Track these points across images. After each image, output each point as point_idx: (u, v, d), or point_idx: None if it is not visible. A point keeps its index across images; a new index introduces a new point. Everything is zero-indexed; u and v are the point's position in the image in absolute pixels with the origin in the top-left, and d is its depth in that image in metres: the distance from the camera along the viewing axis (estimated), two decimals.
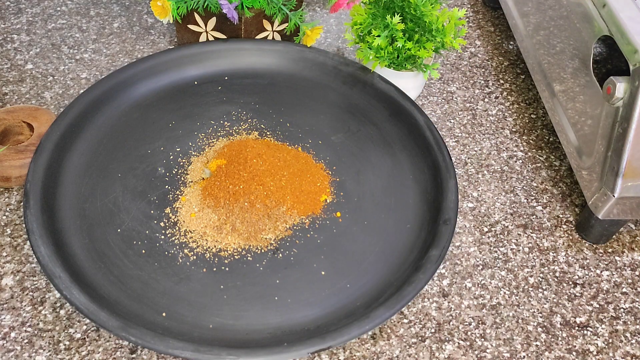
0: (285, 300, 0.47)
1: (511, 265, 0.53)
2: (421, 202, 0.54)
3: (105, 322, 0.42)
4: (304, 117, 0.61)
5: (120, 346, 0.46)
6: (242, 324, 0.46)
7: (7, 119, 0.58)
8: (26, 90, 0.65)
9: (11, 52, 0.69)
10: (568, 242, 0.55)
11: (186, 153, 0.57)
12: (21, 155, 0.55)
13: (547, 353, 0.47)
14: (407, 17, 0.59)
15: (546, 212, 0.57)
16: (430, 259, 0.47)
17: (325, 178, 0.56)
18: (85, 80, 0.66)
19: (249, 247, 0.50)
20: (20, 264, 0.50)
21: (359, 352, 0.46)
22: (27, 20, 0.74)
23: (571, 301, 0.51)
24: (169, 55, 0.63)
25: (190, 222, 0.52)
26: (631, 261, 0.54)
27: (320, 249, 0.51)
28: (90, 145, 0.57)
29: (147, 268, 0.49)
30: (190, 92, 0.63)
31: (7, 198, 0.55)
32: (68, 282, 0.45)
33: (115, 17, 0.75)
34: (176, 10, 0.63)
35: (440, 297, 0.50)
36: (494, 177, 0.60)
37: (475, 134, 0.64)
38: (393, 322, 0.48)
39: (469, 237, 0.55)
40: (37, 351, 0.45)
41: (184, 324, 0.45)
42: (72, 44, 0.71)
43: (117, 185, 0.54)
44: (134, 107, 0.60)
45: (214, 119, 0.60)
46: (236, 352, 0.42)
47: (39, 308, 0.48)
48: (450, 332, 0.48)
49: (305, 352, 0.42)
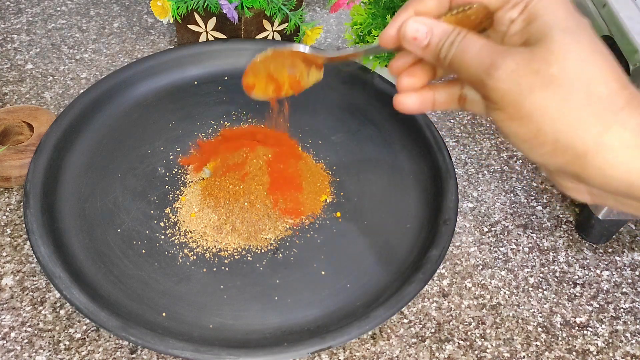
0: (285, 300, 0.47)
1: (511, 265, 0.53)
2: (421, 202, 0.54)
3: (105, 322, 0.42)
4: (304, 117, 0.61)
5: (120, 346, 0.46)
6: (242, 324, 0.46)
7: (7, 119, 0.58)
8: (26, 90, 0.65)
9: (11, 52, 0.70)
10: (568, 242, 0.55)
11: (186, 153, 0.57)
12: (21, 155, 0.55)
13: (547, 353, 0.47)
14: None
15: (546, 212, 0.57)
16: (430, 259, 0.47)
17: (325, 178, 0.56)
18: (85, 80, 0.66)
19: (249, 247, 0.50)
20: (20, 264, 0.50)
21: (359, 352, 0.46)
22: (27, 20, 0.74)
23: (571, 301, 0.51)
24: (169, 55, 0.63)
25: (190, 222, 0.52)
26: (631, 261, 0.54)
27: (320, 249, 0.51)
28: (90, 145, 0.57)
29: (147, 268, 0.49)
30: (190, 92, 0.63)
31: (7, 198, 0.55)
32: (68, 282, 0.45)
33: (115, 17, 0.76)
34: (176, 10, 0.63)
35: (440, 297, 0.50)
36: (494, 177, 0.60)
37: (475, 134, 0.64)
38: (393, 322, 0.48)
39: (469, 237, 0.55)
40: (37, 351, 0.45)
41: (184, 324, 0.45)
42: (72, 44, 0.71)
43: (117, 185, 0.54)
44: (134, 107, 0.60)
45: (214, 119, 0.60)
46: (236, 352, 0.42)
47: (39, 308, 0.48)
48: (450, 332, 0.48)
49: (305, 352, 0.42)
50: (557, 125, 0.29)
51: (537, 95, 0.29)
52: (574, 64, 0.28)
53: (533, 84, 0.29)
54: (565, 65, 0.28)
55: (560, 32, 0.29)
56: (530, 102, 0.29)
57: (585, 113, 0.28)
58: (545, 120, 0.29)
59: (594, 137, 0.28)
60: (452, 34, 0.32)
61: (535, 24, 0.30)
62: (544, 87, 0.29)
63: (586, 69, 0.28)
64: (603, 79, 0.28)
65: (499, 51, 0.30)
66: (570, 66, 0.28)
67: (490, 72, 0.30)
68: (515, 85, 0.29)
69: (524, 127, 0.30)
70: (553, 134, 0.29)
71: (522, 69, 0.29)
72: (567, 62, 0.28)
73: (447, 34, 0.32)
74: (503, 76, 0.29)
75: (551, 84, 0.28)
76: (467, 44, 0.31)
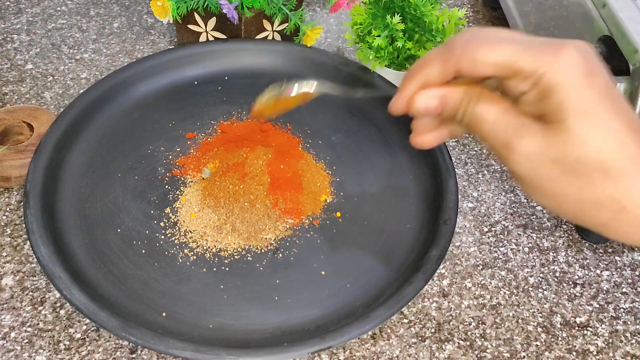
0: (285, 300, 0.47)
1: (511, 265, 0.53)
2: (421, 202, 0.54)
3: (105, 322, 0.42)
4: (304, 117, 0.61)
5: (120, 346, 0.46)
6: (242, 324, 0.46)
7: (7, 119, 0.58)
8: (26, 90, 0.65)
9: (11, 52, 0.69)
10: (568, 242, 0.55)
11: (186, 153, 0.57)
12: (21, 155, 0.55)
13: (547, 353, 0.47)
14: (407, 17, 0.59)
15: (546, 212, 0.57)
16: (430, 259, 0.47)
17: (325, 178, 0.56)
18: (85, 80, 0.66)
19: (249, 247, 0.50)
20: (20, 264, 0.50)
21: (359, 352, 0.46)
22: (27, 20, 0.74)
23: (571, 301, 0.51)
24: (169, 55, 0.63)
25: (190, 222, 0.52)
26: (631, 261, 0.54)
27: (320, 249, 0.51)
28: (90, 145, 0.57)
29: (147, 268, 0.49)
30: (190, 92, 0.63)
31: (7, 198, 0.55)
32: (68, 282, 0.45)
33: (115, 17, 0.76)
34: (176, 10, 0.63)
35: (440, 297, 0.50)
36: (494, 177, 0.60)
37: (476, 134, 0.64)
38: (393, 322, 0.48)
39: (469, 237, 0.55)
40: (37, 351, 0.45)
41: (184, 324, 0.45)
42: (72, 44, 0.71)
43: (117, 185, 0.54)
44: (134, 107, 0.60)
45: (214, 119, 0.60)
46: (236, 352, 0.42)
47: (39, 308, 0.48)
48: (450, 332, 0.48)
49: (305, 352, 0.42)
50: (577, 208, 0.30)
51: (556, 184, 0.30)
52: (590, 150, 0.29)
53: (551, 173, 0.30)
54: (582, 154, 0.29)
55: (575, 116, 0.29)
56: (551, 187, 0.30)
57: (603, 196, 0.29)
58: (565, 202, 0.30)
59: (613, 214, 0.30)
60: (464, 101, 0.32)
61: (549, 102, 0.29)
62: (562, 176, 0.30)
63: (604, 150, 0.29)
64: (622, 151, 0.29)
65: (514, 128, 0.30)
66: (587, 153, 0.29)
67: (508, 155, 0.30)
68: (535, 173, 0.30)
69: (545, 200, 0.31)
70: (574, 213, 0.31)
71: (539, 157, 0.30)
72: (584, 149, 0.29)
73: (459, 101, 0.32)
74: (520, 161, 0.30)
75: (569, 174, 0.29)
76: (480, 113, 0.31)
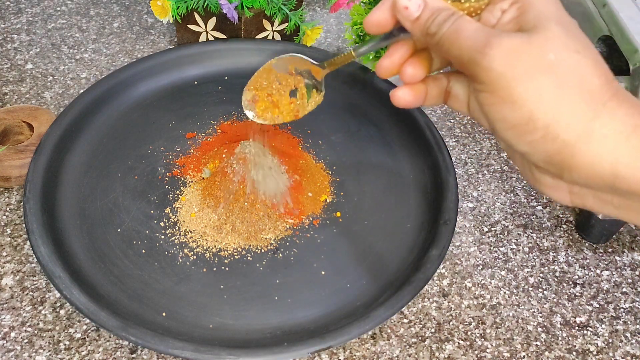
0: (285, 300, 0.47)
1: (511, 265, 0.53)
2: (421, 202, 0.54)
3: (105, 322, 0.42)
4: (304, 117, 0.61)
5: (120, 346, 0.46)
6: (242, 324, 0.46)
7: (7, 119, 0.58)
8: (26, 90, 0.65)
9: (11, 52, 0.70)
10: (568, 242, 0.55)
11: (186, 153, 0.57)
12: (21, 155, 0.55)
13: (547, 353, 0.47)
14: None
15: (546, 212, 0.57)
16: (430, 259, 0.47)
17: (325, 178, 0.56)
18: (85, 80, 0.66)
19: (249, 247, 0.50)
20: (20, 264, 0.50)
21: (359, 352, 0.46)
22: (27, 20, 0.74)
23: (571, 301, 0.51)
24: (169, 55, 0.63)
25: (190, 222, 0.52)
26: (631, 261, 0.54)
27: (320, 249, 0.51)
28: (90, 145, 0.57)
29: (147, 268, 0.49)
30: (190, 92, 0.63)
31: (7, 198, 0.55)
32: (68, 282, 0.45)
33: (115, 17, 0.76)
34: (176, 10, 0.63)
35: (440, 297, 0.50)
36: (494, 177, 0.60)
37: (475, 134, 0.64)
38: (393, 322, 0.48)
39: (469, 237, 0.55)
40: (37, 351, 0.45)
41: (184, 324, 0.45)
42: (72, 44, 0.71)
43: (117, 185, 0.54)
44: (134, 107, 0.60)
45: (214, 119, 0.60)
46: (236, 352, 0.42)
47: (39, 308, 0.48)
48: (450, 332, 0.48)
49: (305, 352, 0.42)
50: (551, 112, 0.29)
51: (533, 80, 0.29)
52: (570, 55, 0.29)
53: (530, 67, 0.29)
54: (562, 55, 0.29)
55: (556, 23, 0.29)
56: (525, 86, 0.29)
57: (578, 101, 0.28)
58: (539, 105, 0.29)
59: (585, 125, 0.28)
60: (447, 11, 0.32)
61: (529, 14, 0.30)
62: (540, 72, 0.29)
63: (581, 61, 0.29)
64: (595, 72, 0.29)
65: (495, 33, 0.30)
66: (567, 56, 0.29)
67: (486, 51, 0.29)
68: (511, 68, 0.29)
69: (515, 111, 0.29)
70: (545, 120, 0.29)
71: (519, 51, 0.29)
72: (564, 51, 0.29)
73: (441, 10, 0.32)
74: (498, 56, 0.29)
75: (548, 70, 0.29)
76: (462, 23, 0.31)
